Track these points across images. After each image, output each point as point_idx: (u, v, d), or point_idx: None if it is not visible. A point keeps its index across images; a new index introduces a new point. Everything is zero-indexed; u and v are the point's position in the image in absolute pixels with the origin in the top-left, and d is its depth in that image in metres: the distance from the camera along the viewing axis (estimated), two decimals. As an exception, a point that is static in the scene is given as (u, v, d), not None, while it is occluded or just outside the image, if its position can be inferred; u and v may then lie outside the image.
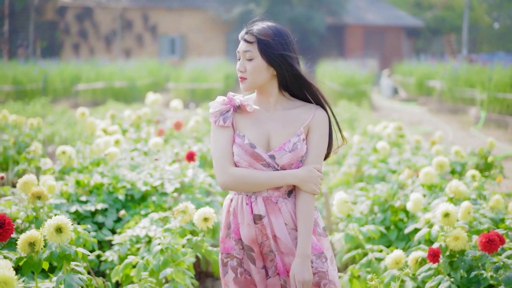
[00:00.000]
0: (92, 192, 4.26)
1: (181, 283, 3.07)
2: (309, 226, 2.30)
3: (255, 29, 2.32)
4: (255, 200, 2.34)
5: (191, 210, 3.14)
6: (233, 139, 2.34)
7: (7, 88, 17.04)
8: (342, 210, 3.61)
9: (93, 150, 4.79)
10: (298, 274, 2.26)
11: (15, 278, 2.06)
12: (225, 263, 2.42)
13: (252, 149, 2.31)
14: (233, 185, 2.29)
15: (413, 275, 3.35)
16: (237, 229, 2.37)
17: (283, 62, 2.31)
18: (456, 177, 5.26)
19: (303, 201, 2.31)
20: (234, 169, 2.30)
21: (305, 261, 2.28)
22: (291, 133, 2.34)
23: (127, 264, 3.25)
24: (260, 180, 2.29)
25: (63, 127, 10.25)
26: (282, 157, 2.31)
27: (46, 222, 2.57)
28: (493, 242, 3.05)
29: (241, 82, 2.35)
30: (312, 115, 2.37)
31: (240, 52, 2.34)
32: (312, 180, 2.30)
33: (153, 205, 4.16)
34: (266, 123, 2.36)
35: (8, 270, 2.05)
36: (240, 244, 2.38)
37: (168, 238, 3.21)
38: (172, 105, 7.06)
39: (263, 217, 2.33)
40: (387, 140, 6.61)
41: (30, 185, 3.53)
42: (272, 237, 2.34)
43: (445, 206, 3.25)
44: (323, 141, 2.37)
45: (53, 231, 2.55)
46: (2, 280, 2.03)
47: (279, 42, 2.31)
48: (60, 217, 2.59)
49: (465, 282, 3.14)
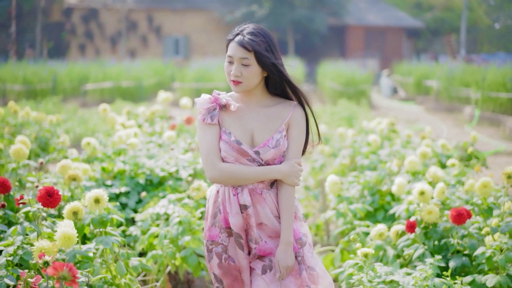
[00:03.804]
0: (116, 177, 4.86)
1: (197, 249, 3.66)
2: (291, 215, 2.50)
3: (250, 37, 2.45)
4: (241, 191, 2.51)
5: (204, 188, 3.75)
6: (219, 135, 2.50)
7: (18, 88, 17.64)
8: (333, 190, 4.20)
9: (115, 142, 5.40)
10: (282, 260, 2.48)
11: (76, 234, 2.63)
12: (210, 250, 2.58)
13: (238, 146, 2.47)
14: (221, 179, 2.47)
15: (394, 244, 3.93)
16: (225, 219, 2.54)
17: (275, 70, 2.48)
18: (442, 168, 5.83)
19: (285, 192, 2.51)
20: (223, 165, 2.46)
21: (288, 248, 2.48)
22: (273, 130, 2.52)
23: (151, 234, 3.85)
24: (247, 175, 2.47)
25: (76, 124, 10.86)
26: (267, 152, 2.49)
27: (87, 194, 3.13)
28: (461, 215, 3.63)
29: (236, 85, 2.48)
30: (292, 112, 2.55)
31: (235, 58, 2.46)
32: (294, 174, 2.50)
33: (170, 189, 4.76)
34: (249, 120, 2.53)
35: (71, 228, 2.62)
36: (226, 232, 2.55)
37: (184, 212, 3.81)
38: (182, 103, 7.66)
39: (248, 207, 2.50)
40: (379, 135, 7.19)
41: (66, 168, 4.13)
42: (257, 225, 2.53)
43: (421, 185, 3.85)
44: (302, 136, 2.56)
45: (93, 202, 3.13)
46: (66, 236, 2.60)
47: (271, 51, 2.47)
48: (97, 190, 3.17)
49: (437, 249, 3.73)
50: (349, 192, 5.13)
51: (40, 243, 2.52)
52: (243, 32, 2.48)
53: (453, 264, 3.51)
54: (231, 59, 2.48)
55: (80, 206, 3.16)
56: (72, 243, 2.56)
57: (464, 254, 3.62)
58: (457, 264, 3.51)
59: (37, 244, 2.53)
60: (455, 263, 3.51)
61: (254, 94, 2.55)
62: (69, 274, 1.91)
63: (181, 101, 7.77)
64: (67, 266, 1.91)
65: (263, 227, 2.53)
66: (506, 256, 3.31)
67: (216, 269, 2.58)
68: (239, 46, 2.45)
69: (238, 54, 2.45)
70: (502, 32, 40.59)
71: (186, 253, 3.63)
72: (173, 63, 27.28)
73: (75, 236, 2.60)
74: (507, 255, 3.31)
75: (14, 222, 3.56)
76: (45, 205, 3.02)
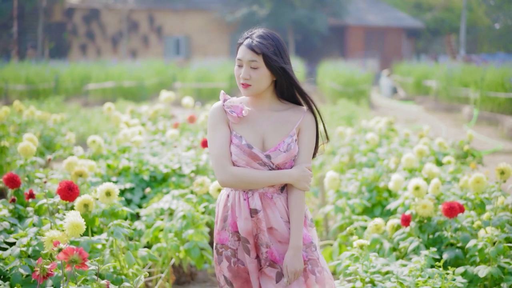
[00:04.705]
0: (121, 174, 5.01)
1: (200, 242, 3.80)
2: (300, 219, 2.50)
3: (258, 40, 2.48)
4: (252, 196, 2.51)
5: (207, 183, 3.90)
6: (230, 139, 2.51)
7: (20, 88, 17.80)
8: (332, 186, 4.34)
9: (119, 139, 5.54)
10: (290, 265, 2.47)
11: (83, 223, 2.77)
12: (220, 252, 2.59)
13: (249, 149, 2.47)
14: (232, 183, 2.47)
15: (390, 238, 4.07)
16: (233, 223, 2.54)
17: (284, 74, 2.50)
18: (439, 165, 5.97)
19: (296, 197, 2.51)
20: (234, 169, 2.46)
21: (297, 252, 2.47)
22: (284, 134, 2.52)
23: (156, 228, 3.99)
24: (257, 179, 2.47)
25: (79, 124, 11.00)
26: (278, 156, 2.49)
27: (98, 188, 3.29)
28: (453, 208, 3.77)
29: (245, 88, 2.50)
30: (302, 117, 2.56)
31: (244, 61, 2.48)
32: (304, 179, 2.50)
33: (173, 185, 4.90)
34: (260, 124, 2.53)
35: (79, 217, 2.76)
36: (236, 236, 2.55)
37: (188, 206, 3.95)
38: (184, 102, 7.81)
39: (258, 211, 2.49)
40: (378, 133, 7.33)
41: (73, 165, 4.27)
42: (267, 229, 2.52)
43: (416, 180, 3.99)
44: (312, 141, 2.57)
45: (104, 195, 3.28)
46: (74, 224, 2.74)
47: (280, 54, 2.49)
48: (108, 184, 3.32)
49: (431, 242, 3.87)
50: (348, 188, 5.27)
51: (50, 233, 2.66)
52: (252, 36, 2.50)
53: (447, 256, 3.65)
54: (241, 62, 2.50)
55: (90, 199, 3.29)
56: (80, 231, 2.70)
57: (457, 247, 3.76)
58: (451, 256, 3.65)
59: (48, 234, 2.67)
60: (448, 255, 3.66)
61: (264, 97, 2.56)
62: (79, 258, 2.05)
63: (183, 100, 7.92)
64: (77, 250, 2.05)
65: (273, 231, 2.53)
66: (497, 248, 3.45)
67: (226, 272, 2.58)
68: (247, 49, 2.47)
69: (246, 57, 2.48)
70: (502, 32, 40.72)
71: (190, 246, 3.77)
72: (174, 63, 27.44)
73: (83, 224, 2.74)
74: (498, 247, 3.45)
75: (23, 216, 3.70)
76: (64, 198, 3.17)
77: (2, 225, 3.36)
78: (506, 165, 3.87)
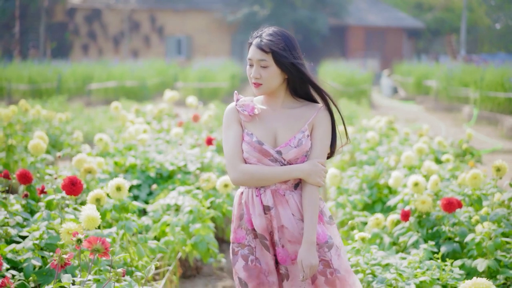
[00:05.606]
0: (128, 171, 5.15)
1: (207, 235, 3.93)
2: (314, 215, 2.44)
3: (267, 39, 2.48)
4: (264, 192, 2.50)
5: (214, 179, 4.03)
6: (242, 137, 2.52)
7: (23, 87, 17.91)
8: (333, 183, 4.46)
9: (125, 138, 5.68)
10: (305, 260, 2.41)
11: (99, 216, 2.90)
12: (235, 252, 2.57)
13: (260, 146, 2.47)
14: (243, 180, 2.47)
15: (390, 232, 4.20)
16: (249, 220, 2.53)
17: (294, 69, 2.49)
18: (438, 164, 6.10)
19: (308, 192, 2.46)
20: (244, 166, 2.47)
21: (311, 247, 2.42)
22: (296, 129, 2.50)
23: (163, 223, 4.12)
24: (268, 175, 2.45)
25: (83, 123, 11.13)
26: (288, 152, 2.47)
27: (109, 182, 3.41)
28: (451, 204, 3.89)
29: (256, 88, 2.50)
30: (316, 113, 2.53)
31: (254, 60, 2.49)
32: (317, 173, 2.46)
33: (179, 182, 5.04)
34: (273, 121, 2.52)
35: (94, 211, 2.89)
36: (253, 234, 2.54)
37: (194, 202, 4.08)
38: (188, 101, 7.95)
39: (271, 208, 2.49)
40: (378, 132, 7.46)
41: (82, 162, 4.40)
42: (278, 227, 2.50)
43: (415, 177, 4.12)
44: (326, 137, 2.52)
45: (115, 189, 3.41)
46: (90, 218, 2.86)
47: (289, 51, 2.49)
48: (118, 179, 3.44)
49: (430, 236, 4.00)
50: (349, 185, 5.40)
51: (67, 225, 2.80)
52: (261, 35, 2.50)
53: (445, 250, 3.78)
54: (251, 62, 2.51)
55: (102, 193, 3.41)
56: (96, 224, 2.82)
57: (455, 241, 3.89)
58: (448, 249, 3.78)
59: (65, 226, 2.80)
60: (446, 249, 3.78)
61: (277, 96, 2.55)
62: (102, 247, 2.18)
63: (187, 100, 8.06)
64: (100, 240, 2.18)
65: (284, 230, 2.50)
66: (495, 242, 3.58)
67: (241, 272, 2.55)
68: (257, 48, 2.48)
69: (256, 56, 2.48)
70: (502, 32, 40.81)
71: (197, 240, 3.91)
72: (175, 63, 27.56)
73: (98, 218, 2.86)
74: (496, 241, 3.58)
75: (35, 210, 3.83)
76: (68, 193, 3.29)
77: (15, 219, 3.49)
78: (502, 162, 3.98)
